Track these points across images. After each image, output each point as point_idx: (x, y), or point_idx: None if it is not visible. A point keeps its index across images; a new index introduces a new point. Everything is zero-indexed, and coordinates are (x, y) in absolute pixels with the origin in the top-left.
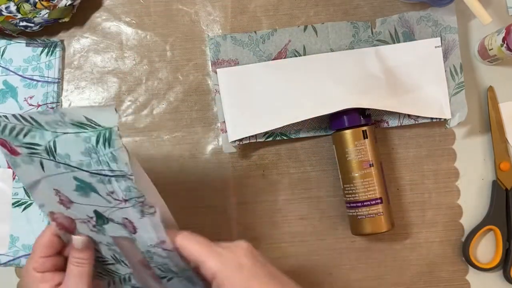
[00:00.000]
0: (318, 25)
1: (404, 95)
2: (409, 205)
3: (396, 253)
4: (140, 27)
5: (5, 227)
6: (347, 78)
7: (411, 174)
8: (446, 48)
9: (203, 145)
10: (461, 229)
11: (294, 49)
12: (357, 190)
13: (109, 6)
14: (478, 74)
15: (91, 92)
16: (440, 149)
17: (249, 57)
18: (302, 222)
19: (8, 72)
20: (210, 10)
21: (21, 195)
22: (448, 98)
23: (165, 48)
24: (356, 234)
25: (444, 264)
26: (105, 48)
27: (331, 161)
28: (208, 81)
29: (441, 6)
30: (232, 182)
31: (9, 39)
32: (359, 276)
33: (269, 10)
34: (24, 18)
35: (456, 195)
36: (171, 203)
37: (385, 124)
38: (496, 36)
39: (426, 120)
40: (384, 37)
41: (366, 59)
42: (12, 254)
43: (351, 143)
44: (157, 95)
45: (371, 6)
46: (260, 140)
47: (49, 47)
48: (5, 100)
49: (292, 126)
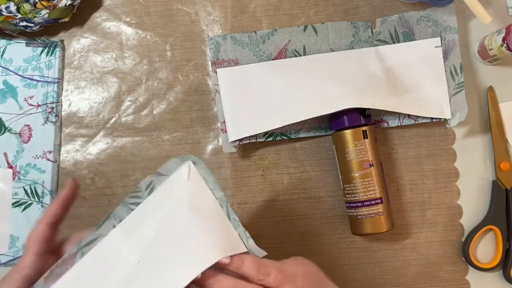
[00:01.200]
0: (318, 25)
1: (404, 95)
2: (409, 205)
3: (396, 253)
4: (140, 27)
5: (5, 227)
6: (347, 78)
7: (411, 174)
8: (446, 48)
9: (203, 145)
10: (461, 229)
11: (294, 49)
12: (357, 190)
13: (109, 6)
14: (478, 74)
15: (91, 92)
16: (440, 149)
17: (249, 57)
18: (302, 222)
19: (8, 72)
20: (210, 10)
21: (21, 195)
22: (448, 98)
23: (165, 48)
24: (356, 234)
25: (444, 264)
26: (105, 48)
27: (331, 161)
28: (208, 81)
29: (441, 6)
30: (232, 182)
31: (9, 39)
32: (359, 276)
33: (269, 10)
34: (24, 18)
35: (456, 195)
36: None
37: (385, 124)
38: (496, 36)
39: (426, 120)
40: (384, 37)
41: (366, 59)
42: (12, 254)
43: (351, 143)
44: (157, 95)
45: (371, 6)
46: (260, 140)
47: (49, 47)
48: (5, 100)
49: (292, 126)
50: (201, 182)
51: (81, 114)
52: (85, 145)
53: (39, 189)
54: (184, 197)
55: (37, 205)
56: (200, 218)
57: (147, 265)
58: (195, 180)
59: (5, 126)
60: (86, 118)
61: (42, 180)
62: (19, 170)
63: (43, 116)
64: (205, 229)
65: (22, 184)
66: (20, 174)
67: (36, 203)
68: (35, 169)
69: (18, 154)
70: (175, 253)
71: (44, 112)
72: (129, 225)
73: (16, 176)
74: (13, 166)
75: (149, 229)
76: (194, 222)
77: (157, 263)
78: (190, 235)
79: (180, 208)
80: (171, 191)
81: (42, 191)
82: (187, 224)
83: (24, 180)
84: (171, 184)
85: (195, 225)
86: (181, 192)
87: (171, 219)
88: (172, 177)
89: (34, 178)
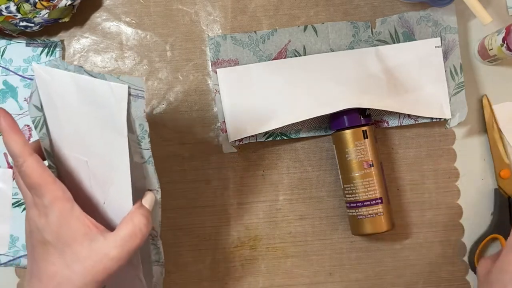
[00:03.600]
0: (318, 25)
1: (404, 95)
2: (409, 205)
3: (396, 253)
4: (140, 27)
5: (5, 227)
6: (347, 78)
7: (411, 174)
8: (446, 48)
9: (203, 145)
10: (461, 229)
11: (294, 49)
12: (357, 190)
13: (109, 6)
14: (478, 74)
15: None
16: (440, 149)
17: (249, 57)
18: (302, 222)
19: (8, 72)
20: (210, 10)
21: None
22: (448, 98)
23: (165, 48)
24: (356, 234)
25: (444, 264)
26: (105, 48)
27: (331, 161)
28: (208, 81)
29: (441, 6)
30: (232, 182)
31: (9, 39)
32: (359, 276)
33: (269, 10)
34: (24, 18)
35: (456, 195)
36: (171, 203)
37: (385, 124)
38: (496, 36)
39: (426, 120)
40: (384, 37)
41: (366, 59)
42: (12, 254)
43: (351, 143)
44: (157, 95)
45: (371, 6)
46: (260, 140)
47: (49, 47)
48: (5, 100)
49: (292, 126)
50: (55, 70)
51: None
52: None
53: None
54: (59, 92)
55: None
56: (81, 100)
57: (94, 161)
58: (50, 73)
59: None
60: None
61: None
62: None
63: None
64: (93, 105)
65: None
66: None
67: None
68: None
69: None
70: (97, 142)
71: None
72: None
73: None
74: (13, 166)
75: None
76: (82, 107)
77: (96, 155)
78: (91, 120)
79: (64, 103)
80: (48, 96)
81: None
82: (81, 114)
83: None
84: (43, 92)
85: (84, 111)
86: (54, 92)
87: (69, 118)
88: (39, 85)
89: None
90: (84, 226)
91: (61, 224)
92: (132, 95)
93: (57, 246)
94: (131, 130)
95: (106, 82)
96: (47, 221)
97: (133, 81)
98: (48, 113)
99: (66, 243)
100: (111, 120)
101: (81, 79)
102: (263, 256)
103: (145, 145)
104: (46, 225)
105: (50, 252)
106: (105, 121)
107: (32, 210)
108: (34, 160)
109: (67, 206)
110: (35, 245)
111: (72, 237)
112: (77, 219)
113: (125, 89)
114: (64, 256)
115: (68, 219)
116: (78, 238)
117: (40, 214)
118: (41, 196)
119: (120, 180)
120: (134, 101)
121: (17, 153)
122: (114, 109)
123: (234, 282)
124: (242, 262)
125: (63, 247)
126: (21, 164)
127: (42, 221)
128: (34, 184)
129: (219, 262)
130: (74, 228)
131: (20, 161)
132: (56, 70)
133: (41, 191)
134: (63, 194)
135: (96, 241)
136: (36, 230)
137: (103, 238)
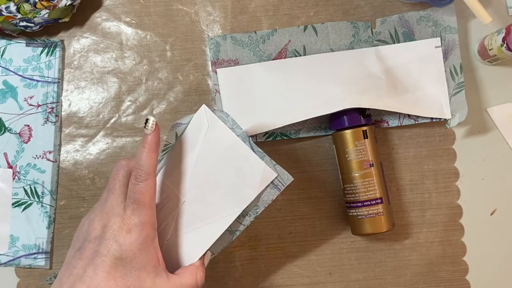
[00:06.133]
0: (318, 25)
1: (404, 95)
2: (409, 205)
3: (396, 253)
4: (140, 27)
5: (5, 227)
6: (347, 78)
7: (411, 174)
8: (446, 48)
9: None
10: (461, 229)
11: (294, 49)
12: (357, 190)
13: (109, 6)
14: (478, 74)
15: (91, 92)
16: (440, 149)
17: (249, 57)
18: (302, 222)
19: (8, 72)
20: (210, 10)
21: (21, 195)
22: (448, 98)
23: (165, 48)
24: (356, 234)
25: (444, 264)
26: (105, 48)
27: (331, 161)
28: (208, 81)
29: (441, 6)
30: None
31: (9, 39)
32: (359, 276)
33: (269, 10)
34: (24, 18)
35: (456, 195)
36: None
37: (385, 124)
38: (496, 36)
39: (426, 120)
40: (384, 37)
41: (366, 59)
42: (12, 254)
43: (351, 143)
44: (157, 95)
45: (371, 6)
46: (260, 140)
47: (49, 47)
48: (5, 100)
49: (292, 126)
50: (221, 123)
51: (81, 114)
52: (85, 145)
53: (39, 189)
54: (210, 140)
55: (37, 205)
56: (227, 159)
57: (191, 205)
58: (213, 121)
59: (5, 126)
60: (86, 118)
61: (42, 180)
62: (19, 170)
63: (43, 116)
64: (235, 170)
65: (22, 184)
66: (20, 174)
67: (36, 203)
68: (35, 169)
69: (18, 154)
70: (214, 196)
71: (44, 112)
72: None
73: (16, 176)
74: (13, 166)
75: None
76: (223, 164)
77: (203, 204)
78: (221, 177)
79: (208, 152)
80: (195, 137)
81: (42, 191)
82: (217, 168)
83: (24, 180)
84: (193, 130)
85: (222, 167)
86: (205, 137)
87: (202, 163)
88: (193, 122)
89: (34, 178)
90: (156, 259)
91: (141, 248)
92: (273, 183)
93: (126, 265)
94: (249, 207)
95: (261, 161)
96: (128, 238)
97: (283, 174)
98: (177, 145)
99: (136, 267)
100: (243, 190)
101: (240, 146)
102: (263, 256)
103: (244, 222)
104: (126, 241)
105: (118, 268)
106: (237, 188)
107: (114, 218)
108: (154, 182)
109: (152, 235)
110: (100, 252)
111: (143, 264)
112: (154, 250)
113: (273, 176)
114: (128, 278)
115: (148, 246)
116: (148, 267)
117: (123, 227)
118: (137, 214)
119: (205, 236)
120: (271, 188)
121: (148, 169)
122: (251, 184)
123: (234, 282)
124: (242, 262)
125: (132, 270)
126: (143, 180)
127: (123, 234)
128: (139, 201)
129: (219, 262)
130: (149, 257)
131: (144, 177)
132: (221, 124)
133: (140, 209)
134: (154, 222)
135: (160, 277)
136: (112, 239)
137: (166, 277)
